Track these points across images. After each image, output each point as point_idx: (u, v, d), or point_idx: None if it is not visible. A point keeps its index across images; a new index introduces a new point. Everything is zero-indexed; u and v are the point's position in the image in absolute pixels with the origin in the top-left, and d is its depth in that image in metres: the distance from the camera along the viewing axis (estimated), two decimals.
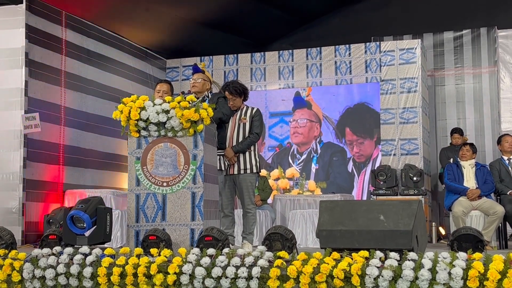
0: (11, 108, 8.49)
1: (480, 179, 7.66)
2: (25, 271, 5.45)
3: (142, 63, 11.12)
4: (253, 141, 6.80)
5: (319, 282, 4.79)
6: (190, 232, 5.92)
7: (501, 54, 10.90)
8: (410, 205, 5.11)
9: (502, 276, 4.53)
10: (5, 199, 8.39)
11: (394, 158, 10.16)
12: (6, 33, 8.62)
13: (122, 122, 6.14)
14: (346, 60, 10.72)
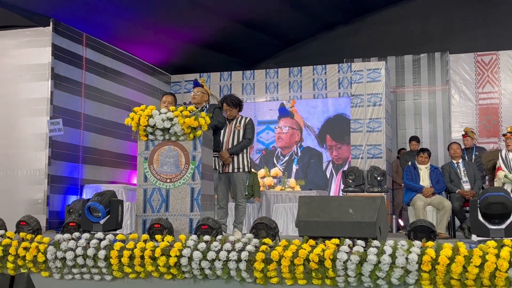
0: (39, 114, 8.47)
1: (434, 179, 7.71)
2: (48, 253, 5.44)
3: (150, 77, 11.11)
4: (246, 145, 6.81)
5: (297, 265, 4.80)
6: (189, 221, 5.92)
7: (452, 74, 10.97)
8: (374, 201, 5.13)
9: (450, 261, 4.55)
10: (32, 192, 8.37)
11: (361, 160, 10.19)
12: (35, 51, 8.61)
13: (133, 128, 6.14)
14: (322, 78, 10.75)
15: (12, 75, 8.66)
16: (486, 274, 4.46)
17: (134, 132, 6.16)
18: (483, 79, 10.80)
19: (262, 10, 10.83)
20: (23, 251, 5.53)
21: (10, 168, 8.49)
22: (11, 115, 8.59)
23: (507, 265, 4.44)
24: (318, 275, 4.78)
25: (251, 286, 4.98)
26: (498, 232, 4.87)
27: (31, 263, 5.51)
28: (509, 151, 7.32)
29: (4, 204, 8.04)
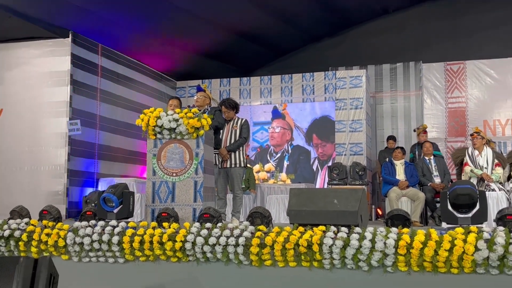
0: (59, 116, 8.47)
1: (408, 174, 7.73)
2: (68, 238, 5.43)
3: (158, 83, 11.10)
4: (242, 143, 6.81)
5: (288, 249, 4.81)
6: (192, 211, 5.92)
7: (424, 81, 10.99)
8: (356, 192, 5.14)
9: (423, 245, 4.57)
10: (53, 184, 8.36)
11: (345, 157, 10.21)
12: (56, 60, 8.61)
13: (143, 128, 6.14)
14: (310, 84, 10.76)
15: (36, 81, 8.66)
16: (454, 257, 4.48)
17: (144, 132, 6.17)
18: (452, 86, 10.84)
19: (257, 23, 10.83)
20: (46, 237, 5.51)
21: (34, 164, 8.49)
22: (35, 116, 8.59)
23: (473, 249, 4.45)
24: (306, 258, 4.79)
25: (248, 268, 4.99)
26: (465, 220, 4.88)
27: (53, 248, 5.50)
28: (475, 149, 7.34)
29: (29, 195, 8.05)
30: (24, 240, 5.57)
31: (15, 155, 8.58)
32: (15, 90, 8.73)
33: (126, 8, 8.83)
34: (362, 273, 4.69)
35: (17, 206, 6.15)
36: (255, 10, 10.27)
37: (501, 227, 4.64)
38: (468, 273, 4.49)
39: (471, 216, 4.90)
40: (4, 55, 8.83)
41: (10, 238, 5.63)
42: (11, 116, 8.72)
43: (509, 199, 6.65)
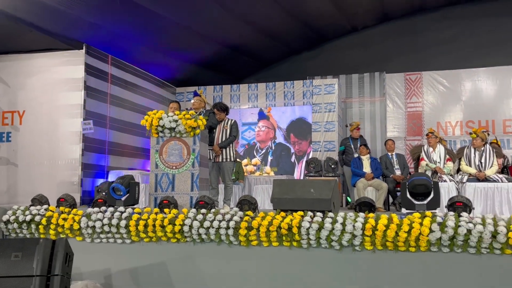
0: (74, 117, 8.37)
1: (373, 167, 7.75)
2: (82, 222, 5.40)
3: (160, 89, 11.02)
4: (231, 141, 6.79)
5: (272, 231, 4.82)
6: (190, 198, 5.90)
7: (387, 89, 11.01)
8: (329, 183, 5.15)
9: (386, 228, 4.59)
10: (69, 176, 8.28)
11: (320, 153, 10.21)
12: (72, 68, 8.50)
13: (147, 127, 6.12)
14: (291, 90, 10.75)
15: (54, 87, 8.56)
16: (412, 237, 4.52)
17: (148, 130, 6.13)
18: (410, 93, 10.89)
19: (245, 38, 10.81)
20: (62, 221, 5.48)
21: (52, 158, 8.41)
22: (53, 117, 8.50)
23: (428, 231, 4.49)
24: (287, 239, 4.80)
25: (237, 247, 4.99)
26: (421, 206, 4.92)
27: (68, 230, 5.46)
28: (429, 146, 7.39)
29: (48, 185, 7.97)
30: (43, 224, 5.52)
31: (36, 151, 8.49)
32: (36, 94, 8.63)
33: (133, 24, 8.77)
34: (334, 251, 4.71)
35: (38, 195, 6.10)
36: (244, 27, 10.25)
37: (451, 212, 4.69)
38: (424, 251, 4.54)
39: (426, 203, 4.94)
40: (26, 64, 8.72)
41: (31, 222, 5.59)
42: (32, 117, 8.63)
43: (458, 188, 6.70)
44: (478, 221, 4.47)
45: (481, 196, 6.43)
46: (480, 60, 10.52)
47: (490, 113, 10.32)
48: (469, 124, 10.35)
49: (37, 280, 3.83)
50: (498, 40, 10.70)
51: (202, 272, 5.05)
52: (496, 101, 10.33)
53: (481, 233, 4.39)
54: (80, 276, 5.15)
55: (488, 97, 10.40)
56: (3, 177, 8.56)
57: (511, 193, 6.32)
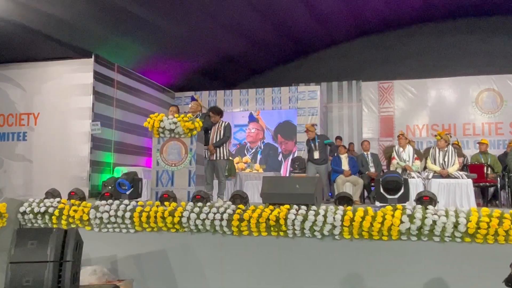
0: (84, 118, 8.27)
1: (351, 165, 7.74)
2: (90, 213, 5.36)
3: (161, 94, 10.93)
4: (225, 141, 6.74)
5: (261, 222, 4.81)
6: (187, 193, 5.87)
7: (363, 95, 11.01)
8: (313, 179, 5.17)
9: (362, 219, 4.62)
10: (79, 172, 8.18)
11: (304, 152, 10.15)
12: (81, 75, 8.39)
13: (149, 128, 6.08)
14: (278, 96, 10.72)
15: (66, 91, 8.46)
16: (385, 227, 4.55)
17: (150, 131, 6.09)
18: (383, 99, 10.92)
19: (238, 49, 10.78)
20: (73, 212, 5.43)
21: (64, 155, 8.30)
22: (65, 119, 8.40)
23: (399, 222, 4.52)
24: (275, 229, 4.80)
25: (229, 237, 4.98)
26: (393, 200, 4.95)
27: (79, 221, 5.41)
28: (400, 147, 7.42)
29: (60, 179, 7.85)
30: (56, 215, 5.46)
31: (49, 149, 8.39)
32: (50, 98, 8.53)
33: (137, 36, 8.71)
34: (317, 240, 4.73)
35: (51, 188, 6.04)
36: (236, 39, 10.23)
37: (419, 206, 4.73)
38: (395, 239, 4.57)
39: (398, 197, 4.97)
40: (41, 71, 8.62)
41: (45, 213, 5.53)
42: (46, 118, 8.53)
43: (424, 184, 6.74)
44: (442, 213, 4.52)
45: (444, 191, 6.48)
46: (444, 71, 10.60)
47: (452, 117, 10.39)
48: (434, 127, 10.43)
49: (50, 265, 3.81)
50: (460, 54, 10.81)
51: (198, 258, 5.04)
52: (457, 107, 10.42)
53: (445, 223, 4.44)
54: (89, 262, 5.11)
55: (450, 103, 10.49)
56: (19, 172, 8.46)
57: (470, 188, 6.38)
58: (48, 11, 7.20)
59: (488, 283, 4.16)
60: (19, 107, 8.71)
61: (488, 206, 6.82)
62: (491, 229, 4.35)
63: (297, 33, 10.86)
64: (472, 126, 10.27)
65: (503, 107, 10.15)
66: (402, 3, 10.20)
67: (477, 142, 8.36)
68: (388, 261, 4.57)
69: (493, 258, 4.30)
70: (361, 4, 9.99)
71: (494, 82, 10.24)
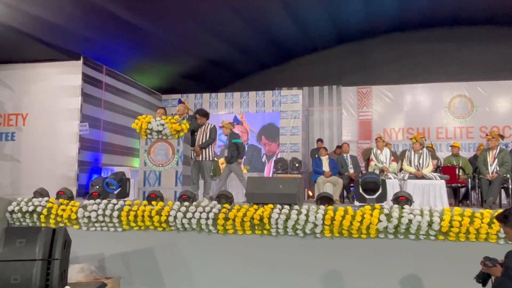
0: (72, 119, 8.14)
1: (331, 166, 7.80)
2: (79, 213, 5.28)
3: (148, 96, 10.82)
4: (210, 143, 6.73)
5: (246, 221, 4.81)
6: (174, 193, 5.83)
7: (343, 99, 11.09)
8: (295, 180, 5.19)
9: (342, 218, 4.65)
10: (67, 171, 8.05)
11: (286, 153, 10.21)
12: (70, 77, 8.26)
13: (137, 130, 6.02)
14: (262, 99, 10.72)
15: (55, 93, 8.31)
16: (364, 226, 4.59)
17: (138, 133, 6.03)
18: (362, 103, 11.03)
19: (223, 53, 10.76)
20: (61, 211, 5.34)
21: (52, 155, 8.16)
22: (53, 120, 8.25)
23: (377, 221, 4.58)
24: (259, 228, 4.81)
25: (215, 235, 4.97)
26: (371, 200, 5.01)
27: (67, 220, 5.33)
28: (377, 149, 7.50)
29: (48, 179, 7.70)
30: (44, 214, 5.37)
31: (38, 149, 8.23)
32: (39, 99, 8.37)
33: (125, 39, 8.62)
34: (299, 238, 4.75)
35: (39, 188, 5.93)
36: (221, 44, 10.20)
37: (396, 205, 4.79)
38: (373, 237, 4.62)
39: (376, 197, 5.03)
40: (31, 72, 8.46)
41: (33, 212, 5.42)
42: (35, 119, 8.37)
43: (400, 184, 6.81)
44: (417, 212, 4.59)
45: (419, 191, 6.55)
46: (419, 77, 10.78)
47: (426, 121, 10.57)
48: (409, 131, 10.58)
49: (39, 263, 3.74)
50: (434, 61, 11.01)
51: (185, 256, 5.01)
52: (431, 111, 10.59)
53: (420, 222, 4.51)
54: (77, 260, 5.03)
55: (425, 108, 10.66)
56: (7, 172, 8.28)
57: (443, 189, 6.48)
58: (37, 13, 7.08)
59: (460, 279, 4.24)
60: (8, 107, 8.53)
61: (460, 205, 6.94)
62: (463, 228, 4.43)
63: (281, 39, 10.91)
64: (445, 130, 10.45)
65: (474, 112, 10.37)
66: (380, 13, 10.34)
67: (450, 145, 8.52)
68: (367, 258, 4.62)
69: (465, 255, 4.39)
70: (341, 13, 10.10)
71: (465, 88, 10.46)
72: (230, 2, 8.51)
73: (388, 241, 4.61)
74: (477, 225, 4.42)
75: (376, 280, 4.57)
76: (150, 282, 5.00)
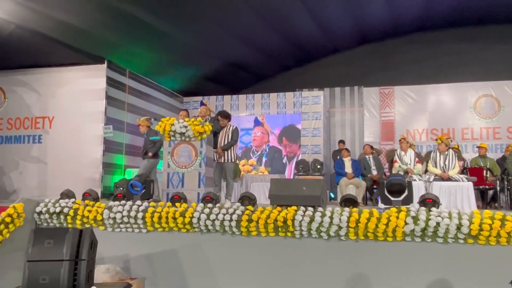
0: (97, 122, 8.31)
1: (353, 167, 7.72)
2: (104, 214, 5.32)
3: (170, 98, 10.94)
4: (233, 144, 6.71)
5: (269, 223, 4.76)
6: (197, 194, 5.84)
7: (364, 100, 10.99)
8: (319, 182, 5.12)
9: (367, 220, 4.57)
10: (92, 173, 8.19)
11: (307, 155, 10.14)
12: (95, 80, 8.43)
13: (161, 132, 6.05)
14: (283, 101, 10.70)
15: (80, 96, 8.49)
16: (390, 229, 4.49)
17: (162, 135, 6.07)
18: (384, 104, 10.89)
19: (244, 56, 10.78)
20: (87, 212, 5.39)
21: (78, 157, 8.32)
22: (78, 122, 8.42)
23: (403, 224, 4.47)
24: (282, 230, 4.75)
25: (238, 237, 4.94)
26: (397, 202, 4.91)
27: (92, 221, 5.38)
28: (401, 150, 7.38)
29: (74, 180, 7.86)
30: (71, 215, 5.44)
31: (63, 151, 8.40)
32: (64, 102, 8.56)
33: (147, 43, 8.72)
34: (323, 240, 4.68)
35: (66, 189, 6.00)
36: (243, 46, 10.23)
37: (423, 207, 4.68)
38: (399, 240, 4.51)
39: (402, 199, 4.93)
40: (56, 76, 8.65)
41: (60, 213, 5.50)
42: (61, 122, 8.56)
43: (426, 186, 6.70)
44: (445, 215, 4.47)
45: (445, 193, 6.44)
46: (443, 77, 10.57)
47: (451, 122, 10.35)
48: (433, 132, 10.38)
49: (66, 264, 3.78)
50: (459, 61, 10.78)
51: (208, 258, 4.99)
52: (455, 112, 10.37)
53: (448, 225, 4.38)
54: (103, 260, 5.07)
55: (449, 108, 10.44)
56: (34, 174, 8.47)
57: (471, 191, 6.33)
58: (63, 19, 7.22)
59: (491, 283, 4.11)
60: (35, 110, 8.73)
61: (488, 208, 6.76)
62: (493, 231, 4.29)
63: (302, 41, 10.86)
64: (471, 131, 10.21)
65: (501, 112, 10.09)
66: (403, 13, 10.18)
67: (477, 146, 8.31)
68: (393, 261, 4.52)
69: (496, 259, 4.25)
70: (363, 13, 9.98)
71: (492, 88, 10.20)
72: (251, 4, 8.51)
73: (415, 244, 4.49)
74: (508, 228, 4.27)
75: (403, 285, 4.46)
76: (175, 283, 5.00)
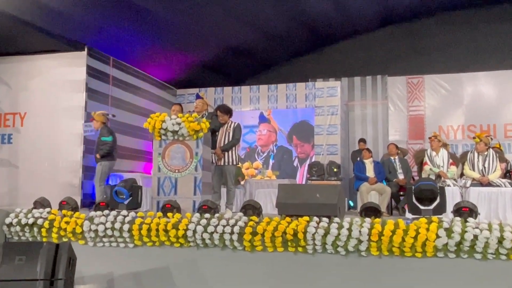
0: (75, 119, 8.32)
1: (376, 171, 7.71)
2: (84, 226, 5.35)
3: (160, 91, 10.97)
4: (234, 144, 6.72)
5: (277, 237, 4.77)
6: (192, 203, 5.85)
7: (389, 92, 10.97)
8: (335, 187, 5.12)
9: (392, 233, 4.56)
10: (70, 178, 8.22)
11: (322, 156, 10.14)
12: (73, 70, 8.45)
13: (150, 130, 6.07)
14: (293, 93, 10.70)
15: (56, 88, 8.52)
16: (419, 243, 4.49)
17: (151, 133, 6.09)
18: (412, 96, 10.85)
19: (246, 40, 10.79)
20: (65, 224, 5.43)
21: (53, 160, 8.36)
22: (54, 119, 8.45)
23: (435, 237, 4.46)
24: (292, 244, 4.76)
25: (241, 253, 4.94)
26: (427, 211, 4.88)
27: (71, 234, 5.41)
28: (432, 150, 7.36)
29: (49, 187, 7.89)
30: (46, 227, 5.47)
31: (37, 153, 8.44)
32: (38, 96, 8.60)
33: (134, 26, 8.75)
34: (340, 257, 4.67)
35: (39, 197, 6.04)
36: (245, 28, 10.23)
37: (457, 218, 4.66)
38: (430, 257, 4.51)
39: (433, 208, 4.90)
40: (28, 65, 8.69)
41: (33, 225, 5.54)
42: (34, 118, 8.59)
43: (461, 193, 6.67)
44: (485, 226, 4.45)
45: (484, 200, 6.40)
46: (481, 64, 10.51)
47: (492, 117, 10.30)
48: (471, 128, 10.34)
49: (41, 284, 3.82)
50: (499, 44, 10.72)
51: (206, 277, 5.01)
52: (497, 105, 10.32)
53: (488, 238, 4.36)
54: (83, 280, 5.10)
55: (489, 101, 10.39)
56: (4, 179, 8.52)
57: None
58: None
59: None
60: (4, 106, 8.79)
61: None
62: None
63: (314, 22, 10.84)
64: None
65: None
66: None
67: None
68: (422, 281, 4.51)
69: None
70: None
71: None
72: None
73: (449, 260, 4.48)
74: None
75: None
76: None
